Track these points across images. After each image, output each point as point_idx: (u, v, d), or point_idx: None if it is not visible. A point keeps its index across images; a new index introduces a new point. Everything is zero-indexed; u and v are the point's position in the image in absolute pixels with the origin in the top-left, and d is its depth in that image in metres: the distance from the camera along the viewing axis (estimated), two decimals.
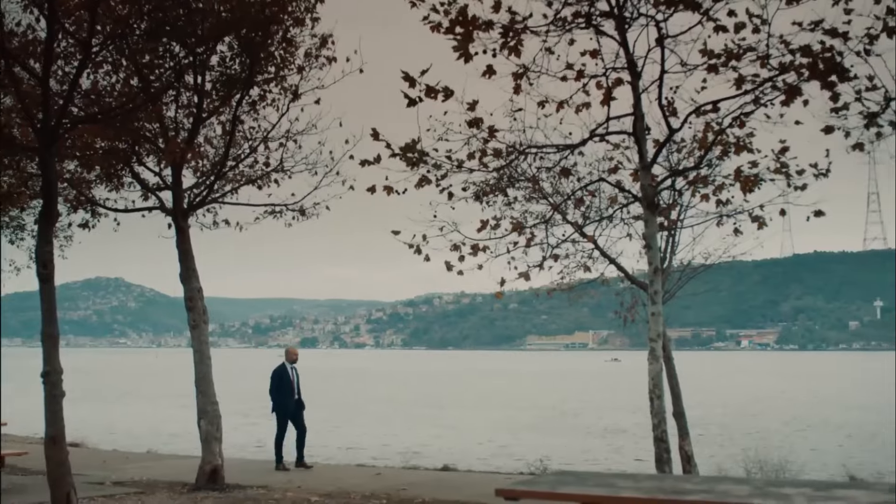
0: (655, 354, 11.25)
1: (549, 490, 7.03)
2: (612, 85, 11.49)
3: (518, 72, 11.36)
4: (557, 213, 13.67)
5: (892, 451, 29.59)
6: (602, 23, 11.22)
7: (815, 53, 10.36)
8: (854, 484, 8.04)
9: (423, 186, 11.99)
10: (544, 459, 21.37)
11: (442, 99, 11.31)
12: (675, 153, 14.43)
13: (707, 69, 11.03)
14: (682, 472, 14.85)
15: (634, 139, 11.58)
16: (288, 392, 17.40)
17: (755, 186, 12.04)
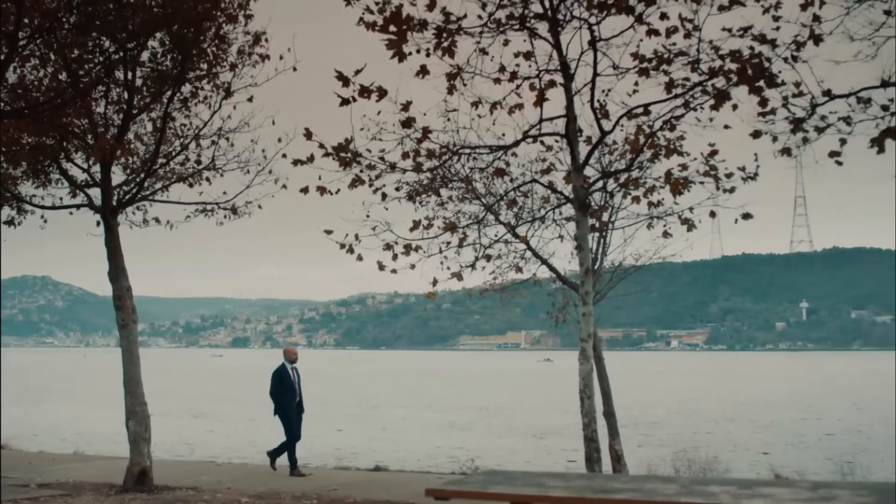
0: (586, 354, 11.34)
1: (478, 490, 7.05)
2: (545, 87, 11.56)
3: (452, 72, 11.37)
4: (490, 214, 13.71)
5: (816, 449, 30.25)
6: (536, 25, 11.28)
7: (744, 59, 10.52)
8: (778, 482, 8.18)
9: (356, 186, 11.96)
10: (476, 459, 21.45)
11: (376, 99, 11.27)
12: (607, 155, 14.55)
13: (638, 72, 11.14)
14: (613, 472, 14.99)
15: (567, 141, 11.65)
16: (290, 394, 16.47)
17: (685, 189, 12.21)
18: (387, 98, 11.31)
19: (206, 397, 65.41)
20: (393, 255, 12.46)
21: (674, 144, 12.10)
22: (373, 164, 11.84)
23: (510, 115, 11.95)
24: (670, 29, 10.81)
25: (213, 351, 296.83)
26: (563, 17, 11.15)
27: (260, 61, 14.42)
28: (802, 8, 10.10)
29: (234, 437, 36.29)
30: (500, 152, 12.47)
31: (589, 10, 10.92)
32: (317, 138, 11.36)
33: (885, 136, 9.74)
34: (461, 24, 10.99)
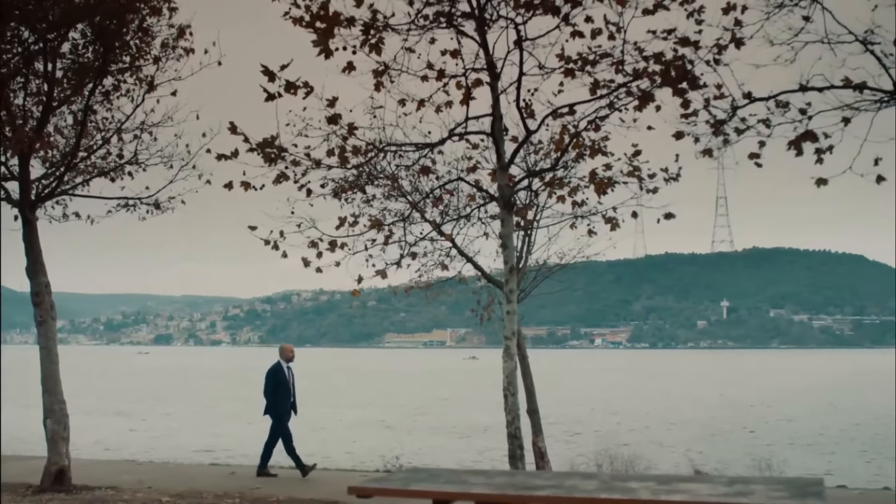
0: (510, 352, 11.42)
1: (401, 487, 7.05)
2: (472, 85, 11.60)
3: (379, 69, 11.35)
4: (416, 212, 13.71)
5: (736, 445, 30.82)
6: (463, 23, 11.32)
7: (667, 61, 10.68)
8: (697, 478, 8.32)
9: (280, 183, 11.88)
10: (400, 457, 21.45)
11: (302, 95, 11.22)
12: (533, 154, 14.66)
13: (564, 73, 11.24)
14: (536, 469, 15.10)
15: (492, 139, 11.73)
16: (284, 394, 15.95)
17: (609, 189, 12.34)
18: (313, 94, 11.27)
19: (129, 395, 64.39)
20: (318, 253, 12.41)
21: (598, 144, 12.23)
22: (298, 160, 11.77)
23: (437, 113, 11.98)
24: (595, 30, 10.92)
25: (138, 348, 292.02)
26: (490, 17, 11.20)
27: (184, 55, 14.21)
28: (724, 12, 10.27)
29: (157, 436, 35.80)
30: (426, 150, 12.49)
31: (515, 10, 10.99)
32: (241, 132, 11.27)
33: (803, 139, 9.95)
34: (388, 22, 10.98)
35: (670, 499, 6.21)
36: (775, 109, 10.09)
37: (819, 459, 29.41)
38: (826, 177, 9.86)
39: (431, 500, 7.06)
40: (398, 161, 13.30)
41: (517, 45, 11.22)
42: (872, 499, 14.16)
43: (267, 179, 11.73)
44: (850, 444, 34.68)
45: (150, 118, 14.81)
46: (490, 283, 15.35)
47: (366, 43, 11.01)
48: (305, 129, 11.77)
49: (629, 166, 12.15)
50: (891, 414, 45.57)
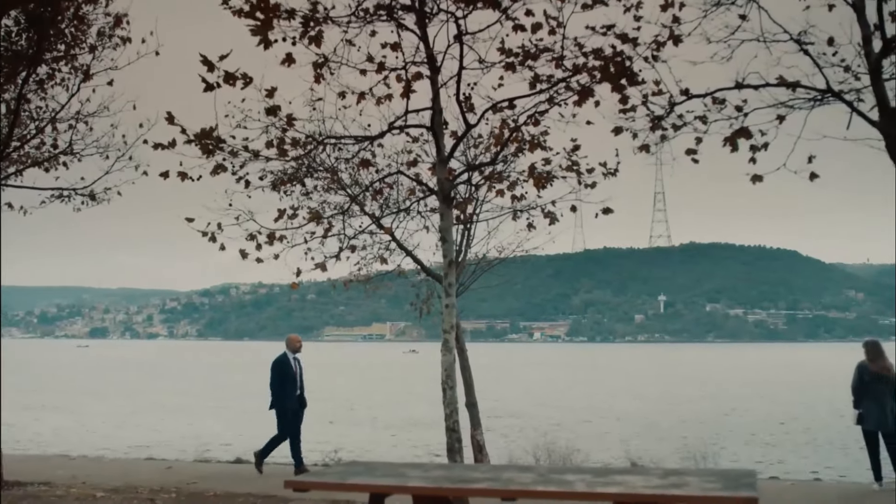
0: (448, 346, 11.44)
1: (337, 481, 7.03)
2: (412, 79, 11.60)
3: (319, 62, 11.29)
4: (355, 204, 13.67)
5: (673, 439, 31.18)
6: (403, 16, 11.31)
7: (606, 57, 10.76)
8: (633, 470, 8.41)
9: (219, 174, 11.77)
10: (339, 451, 21.39)
11: (241, 86, 11.13)
12: (472, 148, 14.67)
13: (505, 67, 11.28)
14: (474, 462, 15.14)
15: (432, 133, 11.73)
16: (291, 386, 15.72)
17: (548, 183, 12.41)
18: (252, 85, 11.18)
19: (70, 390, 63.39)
20: (257, 245, 12.32)
21: (537, 139, 12.29)
22: (236, 150, 11.66)
23: (377, 105, 11.96)
24: (535, 25, 10.97)
25: (77, 342, 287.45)
26: (431, 10, 11.21)
27: (121, 44, 14.02)
28: (663, 9, 10.38)
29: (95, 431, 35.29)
30: (365, 143, 12.46)
31: (456, 4, 11.02)
32: (178, 123, 11.15)
33: (738, 135, 10.09)
34: (329, 14, 10.93)
35: (605, 491, 6.27)
36: (712, 106, 10.22)
37: (754, 452, 29.86)
38: (761, 173, 10.01)
39: (368, 493, 7.06)
40: (338, 154, 13.27)
41: (457, 38, 11.24)
42: (803, 489, 14.42)
43: (204, 171, 11.63)
44: (785, 436, 35.26)
45: (86, 108, 14.60)
46: (429, 276, 15.36)
47: (305, 35, 10.94)
48: (244, 120, 11.68)
49: (568, 161, 12.23)
50: (824, 407, 46.51)
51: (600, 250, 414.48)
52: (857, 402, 13.58)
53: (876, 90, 8.99)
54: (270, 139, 11.86)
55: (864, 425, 13.48)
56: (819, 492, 14.01)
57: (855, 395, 13.60)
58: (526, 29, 11.03)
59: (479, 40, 11.32)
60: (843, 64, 9.63)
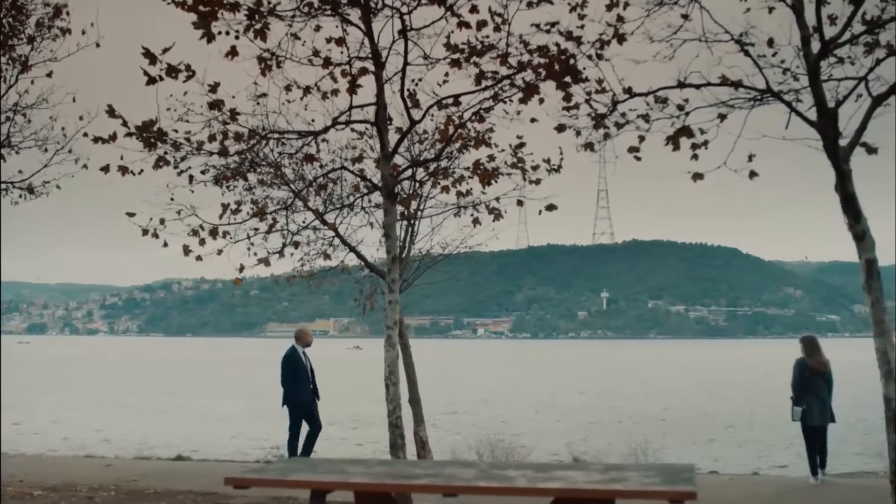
0: (392, 342, 11.43)
1: (278, 478, 7.00)
2: (357, 74, 11.56)
3: (263, 55, 11.22)
4: (299, 200, 13.60)
5: (615, 435, 31.44)
6: (348, 11, 11.27)
7: (551, 55, 10.81)
8: (574, 465, 8.48)
9: (160, 168, 11.64)
10: (281, 447, 21.29)
11: (183, 79, 11.02)
12: (417, 144, 14.67)
13: (450, 63, 11.29)
14: (417, 458, 15.15)
15: (376, 129, 11.71)
16: (303, 381, 15.45)
17: (492, 180, 12.44)
18: (195, 79, 11.08)
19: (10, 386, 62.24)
20: (200, 241, 12.22)
21: (482, 136, 12.32)
22: (178, 143, 11.54)
23: (322, 101, 11.91)
24: (481, 22, 11.00)
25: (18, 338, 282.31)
26: (375, 5, 11.17)
27: (60, 35, 13.82)
28: (608, 8, 10.44)
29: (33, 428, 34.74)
30: (309, 138, 12.39)
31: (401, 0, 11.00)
32: (120, 115, 11.00)
33: (680, 134, 10.18)
34: (274, 7, 10.86)
35: (546, 486, 6.31)
36: (654, 105, 10.30)
37: (694, 447, 30.26)
38: (702, 171, 10.12)
39: (309, 490, 7.03)
40: (281, 149, 13.18)
41: (402, 34, 11.23)
42: (741, 483, 14.63)
43: (146, 164, 11.49)
44: (725, 431, 35.76)
45: (24, 99, 14.37)
46: (373, 272, 15.33)
47: (250, 28, 10.86)
48: (186, 114, 11.56)
49: (513, 158, 12.27)
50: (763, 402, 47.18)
51: (544, 247, 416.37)
52: (797, 399, 13.73)
53: (814, 91, 9.13)
54: (213, 133, 11.76)
55: (807, 421, 13.66)
56: (757, 486, 14.21)
57: (796, 391, 13.74)
58: (471, 26, 11.05)
59: (424, 36, 11.33)
60: (783, 65, 9.77)
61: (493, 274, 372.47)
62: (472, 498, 6.93)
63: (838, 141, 8.99)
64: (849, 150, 9.00)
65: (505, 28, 10.94)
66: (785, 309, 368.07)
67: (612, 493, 6.21)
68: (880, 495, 10.07)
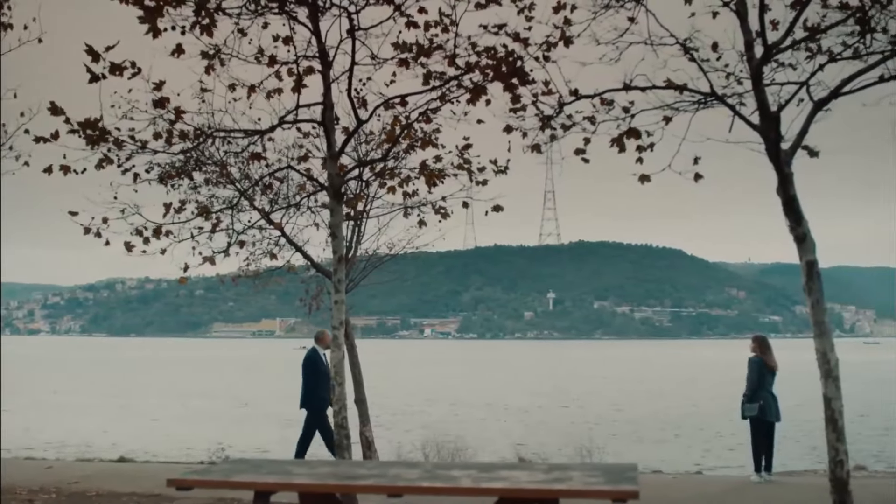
0: (338, 342, 11.39)
1: (222, 479, 6.94)
2: (304, 73, 11.50)
3: (209, 52, 11.12)
4: (244, 199, 13.49)
5: (561, 434, 31.63)
6: (295, 10, 11.19)
7: (498, 56, 10.83)
8: (519, 465, 8.50)
9: (104, 167, 11.50)
10: (227, 448, 21.15)
11: (128, 76, 10.88)
12: (364, 144, 14.63)
13: (398, 63, 11.28)
14: (363, 458, 15.12)
15: (323, 128, 11.65)
16: (324, 383, 15.07)
17: (439, 180, 12.46)
18: (139, 76, 10.95)
19: None
20: (144, 239, 12.09)
21: (429, 136, 12.33)
22: (121, 140, 11.39)
23: (268, 99, 11.83)
24: (429, 22, 10.99)
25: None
26: (323, 4, 11.12)
27: (1, 30, 13.57)
28: (555, 10, 10.48)
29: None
30: (255, 137, 12.31)
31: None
32: (63, 113, 10.84)
33: (626, 136, 10.25)
34: (220, 4, 10.76)
35: (491, 486, 6.33)
36: (600, 107, 10.34)
37: (639, 446, 30.52)
38: (647, 173, 10.19)
39: (253, 491, 6.98)
40: (227, 147, 13.06)
41: (350, 34, 11.18)
42: (685, 482, 14.79)
43: (89, 163, 11.33)
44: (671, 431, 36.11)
45: None
46: (319, 272, 15.26)
47: (196, 24, 10.75)
48: (131, 111, 11.42)
49: (459, 158, 12.29)
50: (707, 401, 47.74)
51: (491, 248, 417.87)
52: (752, 396, 13.89)
53: (757, 94, 9.23)
54: (158, 131, 11.63)
55: (766, 416, 13.84)
56: (700, 485, 14.36)
57: (752, 388, 13.90)
58: (419, 25, 11.05)
59: (372, 36, 11.29)
60: (727, 69, 9.87)
61: (440, 274, 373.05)
62: (418, 498, 6.94)
63: (780, 144, 9.10)
64: (790, 154, 9.12)
65: (453, 29, 10.94)
66: (728, 310, 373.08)
67: (555, 492, 6.24)
68: (820, 493, 10.23)
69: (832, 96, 9.11)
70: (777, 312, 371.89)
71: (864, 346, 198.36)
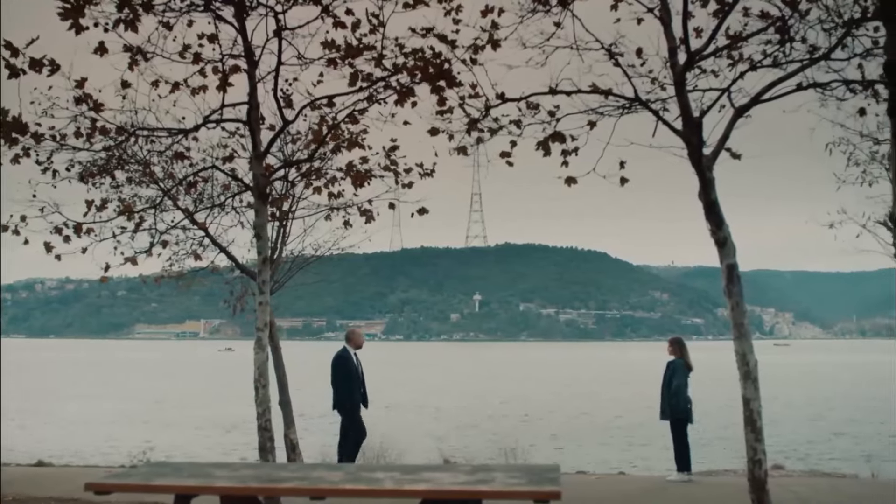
0: (262, 344, 11.29)
1: (141, 482, 6.83)
2: (229, 72, 11.38)
3: (132, 48, 10.94)
4: (168, 199, 13.31)
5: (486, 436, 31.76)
6: (221, 8, 11.07)
7: (426, 58, 10.83)
8: (443, 467, 8.50)
9: (19, 163, 11.26)
10: (149, 452, 20.85)
11: (48, 73, 10.67)
12: (290, 144, 14.53)
13: (327, 62, 11.22)
14: (288, 461, 15.01)
15: (248, 128, 11.55)
16: (356, 384, 14.74)
17: (366, 181, 12.42)
18: (60, 72, 10.74)
19: None
20: (65, 238, 11.87)
21: (356, 137, 12.29)
22: (39, 135, 11.16)
23: (192, 97, 11.68)
24: (356, 23, 10.95)
25: None
26: (250, 4, 11.01)
27: None
28: (483, 14, 10.51)
29: None
30: (179, 136, 12.15)
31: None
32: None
33: (551, 139, 10.33)
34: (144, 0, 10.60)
35: (413, 488, 6.33)
36: (526, 110, 10.41)
37: (563, 447, 30.78)
38: (572, 177, 10.28)
39: (173, 494, 6.89)
40: (150, 146, 12.88)
41: (276, 34, 11.10)
42: (608, 482, 14.93)
43: (5, 158, 11.09)
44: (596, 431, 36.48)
45: None
46: (244, 273, 15.12)
47: (120, 22, 10.56)
48: (51, 108, 11.20)
49: (386, 160, 12.27)
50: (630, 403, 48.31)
51: (417, 249, 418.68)
52: (685, 398, 14.05)
53: (680, 100, 9.37)
54: (79, 128, 11.43)
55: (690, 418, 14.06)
56: (623, 485, 14.52)
57: (682, 391, 14.06)
58: (347, 26, 11.01)
59: (299, 36, 11.22)
60: (651, 75, 10.00)
61: (367, 276, 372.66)
62: (341, 500, 6.91)
63: (702, 150, 9.25)
64: (712, 159, 9.27)
65: (380, 30, 10.92)
66: (651, 312, 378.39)
67: (477, 493, 6.26)
68: (739, 492, 10.41)
69: (752, 103, 9.29)
70: (699, 315, 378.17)
71: (774, 347, 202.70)
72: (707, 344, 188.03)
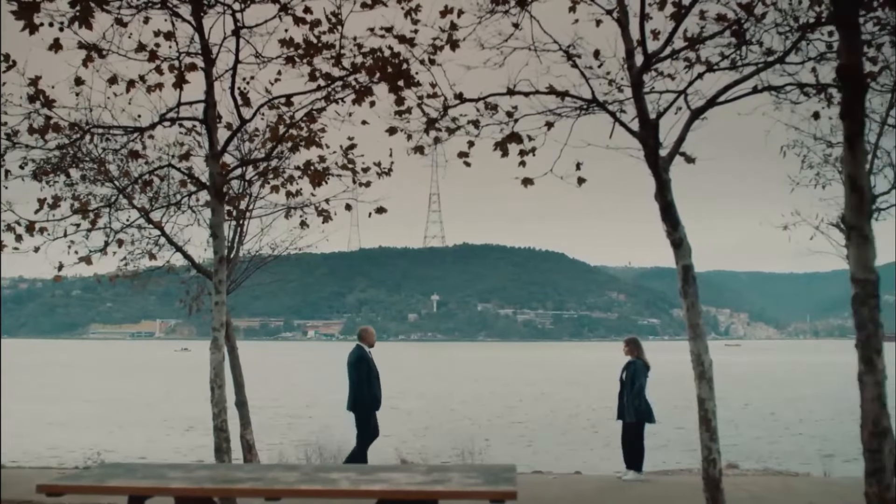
0: (218, 344, 11.23)
1: (94, 484, 6.76)
2: (186, 69, 11.30)
3: (87, 44, 10.82)
4: (123, 197, 13.18)
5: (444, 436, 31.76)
6: (178, 5, 10.99)
7: (384, 58, 10.83)
8: (399, 467, 8.50)
9: None
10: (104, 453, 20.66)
11: (5, 69, 10.55)
12: (247, 143, 14.44)
13: (285, 60, 11.18)
14: (244, 462, 14.93)
15: (205, 126, 11.47)
16: (377, 384, 14.58)
17: (323, 181, 12.38)
18: (14, 69, 10.63)
19: None
20: (17, 236, 11.73)
21: (314, 136, 12.25)
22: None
23: (148, 94, 11.58)
24: (315, 22, 10.92)
25: None
26: (207, 2, 10.94)
27: None
28: (442, 15, 10.51)
29: None
30: (135, 134, 12.05)
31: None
32: None
33: (509, 140, 10.35)
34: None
35: (369, 488, 6.32)
36: (484, 111, 10.43)
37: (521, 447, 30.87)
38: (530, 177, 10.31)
39: (127, 496, 6.83)
40: (105, 144, 12.75)
41: (234, 32, 11.04)
42: (564, 482, 14.98)
43: None
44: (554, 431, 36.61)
45: None
46: (200, 273, 15.01)
47: (75, 20, 10.44)
48: (4, 105, 11.08)
49: (344, 159, 12.25)
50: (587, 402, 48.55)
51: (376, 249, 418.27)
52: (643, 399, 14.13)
53: (637, 102, 9.43)
54: (32, 126, 11.31)
55: (653, 418, 14.16)
56: (579, 484, 14.57)
57: (642, 391, 14.15)
58: (307, 22, 10.97)
59: (257, 34, 11.16)
60: (608, 76, 10.06)
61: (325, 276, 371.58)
62: (297, 501, 6.87)
63: (658, 151, 9.31)
64: (668, 161, 9.33)
65: (339, 29, 10.90)
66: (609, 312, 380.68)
67: (434, 493, 6.27)
68: (694, 491, 10.50)
69: (708, 105, 9.37)
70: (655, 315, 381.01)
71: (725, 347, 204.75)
72: (663, 344, 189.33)
